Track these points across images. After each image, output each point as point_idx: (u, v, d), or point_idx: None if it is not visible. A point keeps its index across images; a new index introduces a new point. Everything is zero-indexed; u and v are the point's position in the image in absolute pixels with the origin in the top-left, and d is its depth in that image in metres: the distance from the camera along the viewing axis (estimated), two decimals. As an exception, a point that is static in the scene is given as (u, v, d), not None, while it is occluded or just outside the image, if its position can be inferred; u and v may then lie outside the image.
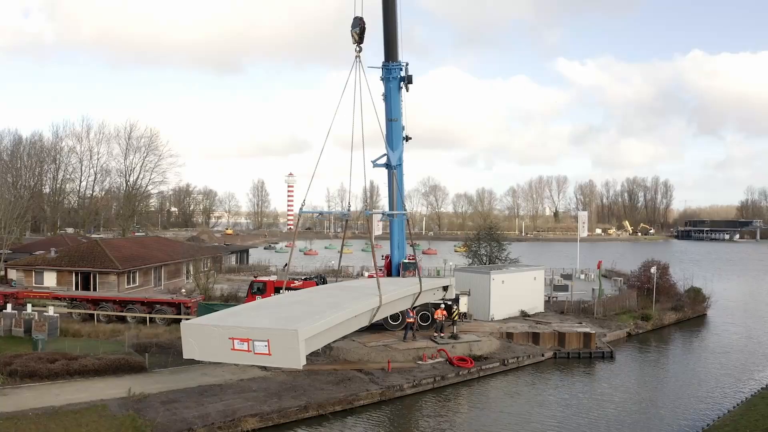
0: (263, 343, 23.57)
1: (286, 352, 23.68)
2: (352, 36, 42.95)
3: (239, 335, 23.96)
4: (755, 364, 49.06)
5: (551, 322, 55.62)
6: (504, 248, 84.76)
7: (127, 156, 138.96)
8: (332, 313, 27.74)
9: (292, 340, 23.51)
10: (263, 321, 25.78)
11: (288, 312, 27.92)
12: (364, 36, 41.64)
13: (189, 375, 38.01)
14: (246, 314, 27.85)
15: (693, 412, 36.86)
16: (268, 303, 32.39)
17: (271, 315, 27.15)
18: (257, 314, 27.55)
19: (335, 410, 34.80)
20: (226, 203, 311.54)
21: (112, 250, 68.76)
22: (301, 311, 28.07)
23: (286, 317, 26.51)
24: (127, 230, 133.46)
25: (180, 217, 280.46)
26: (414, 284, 38.69)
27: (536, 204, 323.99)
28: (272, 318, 26.34)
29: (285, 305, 30.14)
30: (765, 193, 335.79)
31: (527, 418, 35.50)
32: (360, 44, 41.84)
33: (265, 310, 28.53)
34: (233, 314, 28.13)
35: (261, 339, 23.67)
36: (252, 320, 26.00)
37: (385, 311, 34.65)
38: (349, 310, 29.51)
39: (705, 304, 70.76)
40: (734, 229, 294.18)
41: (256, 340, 23.69)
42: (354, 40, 42.38)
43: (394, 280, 44.95)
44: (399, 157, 48.14)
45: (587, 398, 39.44)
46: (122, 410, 31.15)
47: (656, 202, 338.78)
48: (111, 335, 48.41)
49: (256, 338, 23.75)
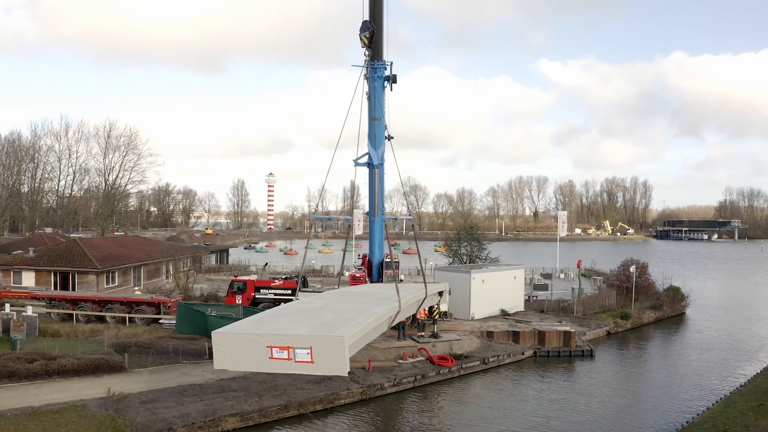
0: (305, 350, 22.97)
1: (331, 359, 23.15)
2: (360, 39, 42.97)
3: (279, 343, 23.30)
4: (734, 361, 49.47)
5: (531, 321, 55.81)
6: (484, 248, 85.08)
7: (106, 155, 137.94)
8: (365, 319, 27.34)
9: (338, 347, 22.99)
10: (300, 328, 25.11)
11: (318, 318, 27.43)
12: (374, 39, 41.67)
13: (169, 375, 37.85)
14: (274, 321, 27.06)
15: (673, 409, 37.11)
16: (290, 309, 31.62)
17: (303, 321, 26.44)
18: (288, 321, 26.84)
19: (316, 409, 34.75)
20: (206, 203, 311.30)
21: (91, 249, 68.35)
22: (331, 317, 27.65)
23: (320, 323, 25.95)
24: (106, 230, 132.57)
25: (159, 217, 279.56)
26: (419, 289, 38.87)
27: (516, 204, 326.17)
28: (307, 324, 25.77)
29: (309, 311, 29.73)
30: (743, 193, 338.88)
31: (507, 417, 35.62)
32: (369, 47, 41.83)
33: (293, 317, 27.88)
34: (259, 322, 27.41)
35: (303, 346, 23.07)
36: (287, 327, 25.36)
37: (402, 315, 34.79)
38: (378, 316, 29.33)
39: (684, 302, 71.32)
40: (712, 229, 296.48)
41: (298, 348, 23.07)
42: (363, 43, 42.42)
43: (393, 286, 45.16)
44: (381, 156, 48.16)
45: (567, 397, 39.62)
46: (102, 410, 30.94)
47: (635, 202, 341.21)
48: (90, 335, 48.14)
49: (298, 346, 23.12)
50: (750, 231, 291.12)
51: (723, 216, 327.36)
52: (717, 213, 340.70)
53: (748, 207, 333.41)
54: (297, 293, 44.23)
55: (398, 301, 33.18)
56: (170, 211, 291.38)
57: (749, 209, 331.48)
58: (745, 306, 79.44)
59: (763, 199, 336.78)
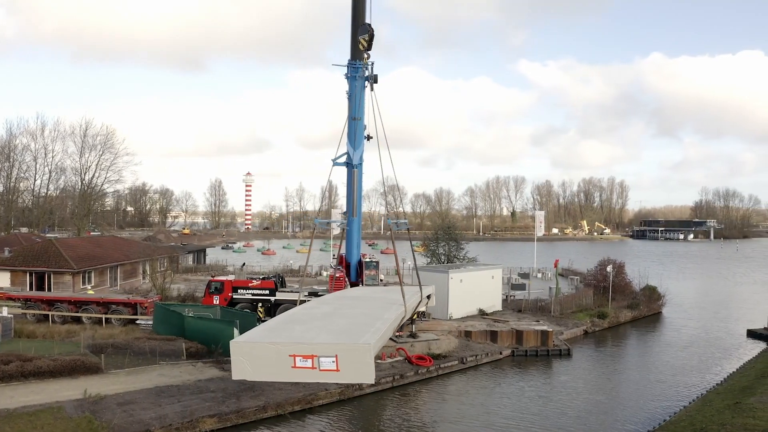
0: (330, 359, 22.64)
1: (357, 367, 22.86)
2: (360, 43, 42.77)
3: (303, 352, 22.89)
4: (710, 360, 49.96)
5: (509, 321, 56.02)
6: (462, 247, 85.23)
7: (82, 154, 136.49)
8: (381, 325, 27.09)
9: (365, 355, 22.75)
10: (321, 335, 24.75)
11: (334, 324, 27.09)
12: (373, 42, 41.54)
13: (146, 376, 37.63)
14: (289, 329, 26.68)
15: (650, 407, 37.38)
16: (300, 316, 31.03)
17: (320, 328, 26.01)
18: (304, 328, 26.36)
19: (294, 410, 34.69)
20: (183, 203, 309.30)
21: (67, 249, 67.83)
22: (347, 323, 27.39)
23: (340, 330, 25.56)
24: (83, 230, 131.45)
25: (136, 217, 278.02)
26: (416, 293, 38.98)
27: (494, 204, 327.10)
28: (326, 332, 25.39)
29: (321, 317, 29.43)
30: (719, 193, 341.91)
31: (490, 413, 35.75)
32: (368, 51, 41.70)
33: (307, 324, 27.39)
34: (274, 330, 26.90)
35: (328, 355, 22.72)
36: (307, 335, 24.96)
37: (405, 319, 34.77)
38: (391, 321, 29.21)
39: (660, 302, 71.87)
40: (688, 229, 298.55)
41: (322, 356, 22.70)
42: (362, 46, 42.24)
43: (390, 289, 45.18)
44: (360, 156, 48.10)
45: (549, 395, 39.87)
46: (78, 412, 30.73)
47: (612, 202, 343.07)
48: (66, 336, 47.75)
49: (323, 354, 22.76)
50: (725, 231, 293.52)
51: (699, 216, 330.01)
52: (693, 213, 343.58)
53: (724, 207, 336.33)
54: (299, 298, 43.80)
55: (404, 305, 33.16)
56: (147, 210, 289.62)
57: (725, 209, 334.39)
58: (721, 305, 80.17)
59: (739, 200, 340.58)
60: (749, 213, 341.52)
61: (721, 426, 28.85)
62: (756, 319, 63.85)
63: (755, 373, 41.13)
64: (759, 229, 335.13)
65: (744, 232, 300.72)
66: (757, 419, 29.24)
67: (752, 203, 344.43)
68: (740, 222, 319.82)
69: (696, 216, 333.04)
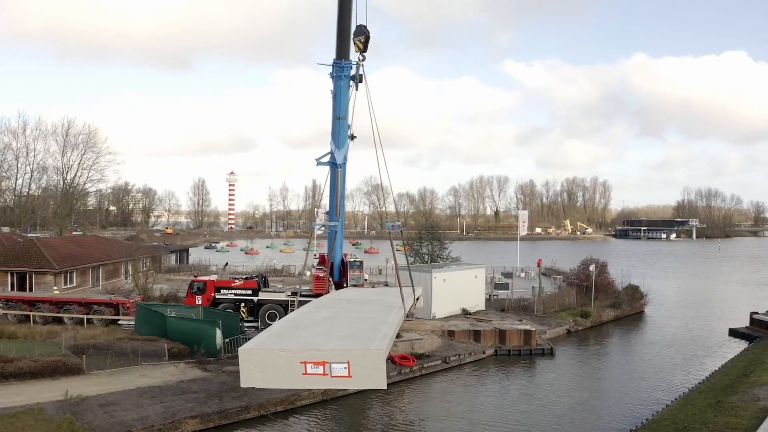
0: (342, 365, 22.52)
1: (369, 373, 22.80)
2: (355, 44, 42.80)
3: (314, 358, 22.71)
4: (692, 358, 50.26)
5: (492, 320, 56.08)
6: (445, 247, 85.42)
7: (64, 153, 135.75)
8: (388, 329, 27.06)
9: (377, 360, 22.73)
10: (330, 341, 24.55)
11: (341, 330, 26.95)
12: (368, 44, 41.51)
13: (128, 376, 37.43)
14: (295, 335, 26.43)
15: (632, 406, 37.55)
16: (302, 321, 30.84)
17: (326, 334, 25.81)
18: (310, 334, 26.15)
19: (277, 410, 34.56)
20: (166, 202, 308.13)
21: (48, 249, 67.32)
22: (353, 328, 27.30)
23: (348, 336, 25.42)
24: (65, 229, 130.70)
25: (119, 216, 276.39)
26: (408, 295, 39.09)
27: (477, 203, 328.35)
28: (335, 337, 25.14)
29: (323, 322, 29.30)
30: (701, 193, 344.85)
31: (475, 411, 35.78)
32: (364, 53, 41.70)
33: (312, 329, 27.17)
34: (281, 336, 26.64)
35: (340, 361, 22.59)
36: (316, 341, 24.72)
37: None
38: (396, 325, 29.17)
39: (642, 301, 72.20)
40: (671, 229, 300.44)
41: (334, 363, 22.56)
42: (357, 48, 42.25)
43: (381, 291, 45.18)
44: (344, 156, 48.07)
45: (529, 394, 39.92)
46: (59, 413, 30.50)
47: (595, 202, 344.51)
48: (48, 337, 47.41)
49: (335, 360, 22.62)
50: (708, 230, 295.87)
51: (681, 215, 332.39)
52: (675, 212, 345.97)
53: (706, 207, 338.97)
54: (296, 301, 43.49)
55: (404, 308, 33.12)
56: (130, 210, 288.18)
57: (707, 209, 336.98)
58: (703, 304, 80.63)
59: (721, 199, 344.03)
60: (731, 213, 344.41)
61: (703, 425, 28.98)
62: (738, 318, 64.27)
63: (737, 371, 41.33)
64: (741, 228, 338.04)
65: (726, 232, 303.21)
66: (739, 418, 29.40)
67: (734, 203, 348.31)
68: (722, 221, 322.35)
69: (678, 215, 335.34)
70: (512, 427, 33.97)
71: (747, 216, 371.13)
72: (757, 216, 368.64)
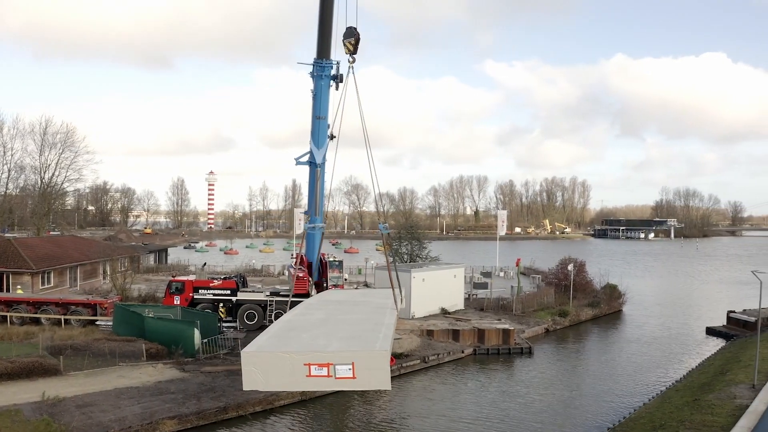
0: (347, 366, 22.53)
1: (374, 374, 22.83)
2: (345, 46, 42.61)
3: (318, 360, 22.70)
4: (670, 357, 50.68)
5: (471, 319, 56.23)
6: (424, 247, 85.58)
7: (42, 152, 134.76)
8: (387, 330, 27.10)
9: (382, 361, 22.77)
10: (333, 343, 24.63)
11: (341, 331, 26.90)
12: (359, 46, 41.44)
13: (105, 377, 37.24)
14: (296, 337, 26.34)
15: (610, 404, 37.81)
16: (298, 323, 30.34)
17: (327, 335, 25.97)
18: (310, 336, 26.05)
19: (255, 410, 34.53)
20: (145, 202, 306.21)
21: (25, 249, 66.78)
22: (354, 329, 27.24)
23: (350, 337, 25.44)
24: (42, 229, 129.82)
25: (97, 216, 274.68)
26: (396, 296, 39.09)
27: (457, 203, 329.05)
28: (336, 339, 25.25)
29: (319, 324, 29.13)
30: (679, 193, 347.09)
31: (452, 410, 35.86)
32: (353, 54, 41.60)
33: (311, 331, 27.05)
34: (280, 338, 26.46)
35: (344, 362, 22.60)
36: (319, 343, 24.80)
37: None
38: (393, 326, 29.18)
39: (620, 300, 72.59)
40: (649, 228, 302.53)
41: (339, 364, 22.56)
42: (347, 50, 42.10)
43: (366, 292, 45.08)
44: (323, 156, 48.03)
45: (508, 392, 40.18)
46: (36, 414, 30.29)
47: (574, 202, 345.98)
48: (24, 338, 46.96)
49: (339, 362, 22.63)
50: (685, 230, 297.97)
51: (659, 215, 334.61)
52: (653, 212, 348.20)
53: (684, 206, 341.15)
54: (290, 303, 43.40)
55: (396, 309, 33.16)
56: (108, 210, 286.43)
57: (685, 209, 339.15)
58: (681, 303, 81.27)
59: (699, 199, 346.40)
60: (709, 212, 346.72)
61: (680, 423, 29.20)
62: (715, 317, 64.87)
63: (714, 370, 41.66)
64: (719, 228, 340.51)
65: (704, 231, 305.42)
66: (715, 416, 29.66)
67: (712, 203, 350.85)
68: (700, 221, 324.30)
69: (657, 215, 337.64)
70: (493, 424, 34.19)
71: (725, 216, 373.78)
72: (735, 216, 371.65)
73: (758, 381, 35.13)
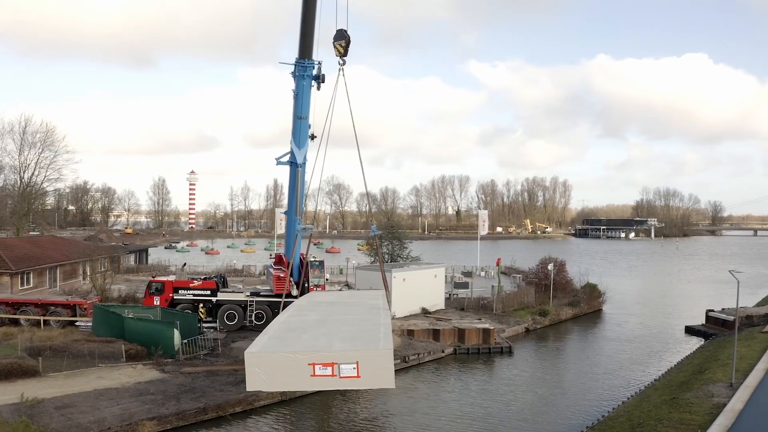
0: (351, 365, 22.70)
1: (378, 373, 23.00)
2: (335, 48, 42.49)
3: (323, 360, 22.84)
4: (649, 355, 50.98)
5: (451, 319, 56.37)
6: (405, 246, 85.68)
7: (21, 152, 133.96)
8: (386, 330, 27.20)
9: (386, 360, 22.93)
10: (336, 343, 24.71)
11: (341, 331, 26.94)
12: (349, 49, 41.35)
13: (84, 379, 37.09)
14: (296, 337, 26.38)
15: (589, 403, 38.02)
16: (295, 324, 30.40)
17: (328, 335, 26.03)
18: (310, 336, 26.11)
19: (235, 411, 34.46)
20: (126, 201, 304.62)
21: (4, 249, 66.32)
22: (354, 329, 27.31)
23: (351, 338, 25.49)
24: (22, 229, 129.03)
25: (78, 216, 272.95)
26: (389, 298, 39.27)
27: (439, 203, 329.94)
28: (337, 339, 25.29)
29: (316, 325, 29.16)
30: (660, 193, 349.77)
31: (436, 408, 35.93)
32: (344, 57, 41.50)
33: (310, 332, 27.11)
34: (281, 339, 26.50)
35: (348, 362, 22.76)
36: (322, 343, 24.89)
37: None
38: (390, 326, 29.25)
39: (601, 299, 72.94)
40: (630, 228, 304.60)
41: (343, 364, 22.74)
42: (338, 52, 42.00)
43: (353, 294, 45.07)
44: (304, 156, 48.00)
45: (489, 390, 40.41)
46: (15, 416, 30.12)
47: (555, 202, 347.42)
48: (3, 339, 46.68)
49: (343, 361, 22.79)
50: (666, 229, 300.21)
51: (640, 215, 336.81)
52: (634, 212, 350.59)
53: (664, 206, 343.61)
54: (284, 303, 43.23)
55: (389, 309, 33.19)
56: (89, 209, 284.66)
57: (665, 208, 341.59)
58: (660, 302, 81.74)
59: (679, 199, 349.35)
60: (689, 212, 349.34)
61: (658, 421, 29.43)
62: (695, 316, 65.31)
63: (692, 368, 41.98)
64: (699, 228, 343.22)
65: (684, 231, 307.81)
66: (693, 414, 29.93)
67: (692, 203, 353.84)
68: (680, 221, 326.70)
69: (637, 215, 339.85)
70: (475, 421, 34.36)
71: (705, 215, 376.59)
72: (715, 215, 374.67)
73: (736, 379, 35.50)
